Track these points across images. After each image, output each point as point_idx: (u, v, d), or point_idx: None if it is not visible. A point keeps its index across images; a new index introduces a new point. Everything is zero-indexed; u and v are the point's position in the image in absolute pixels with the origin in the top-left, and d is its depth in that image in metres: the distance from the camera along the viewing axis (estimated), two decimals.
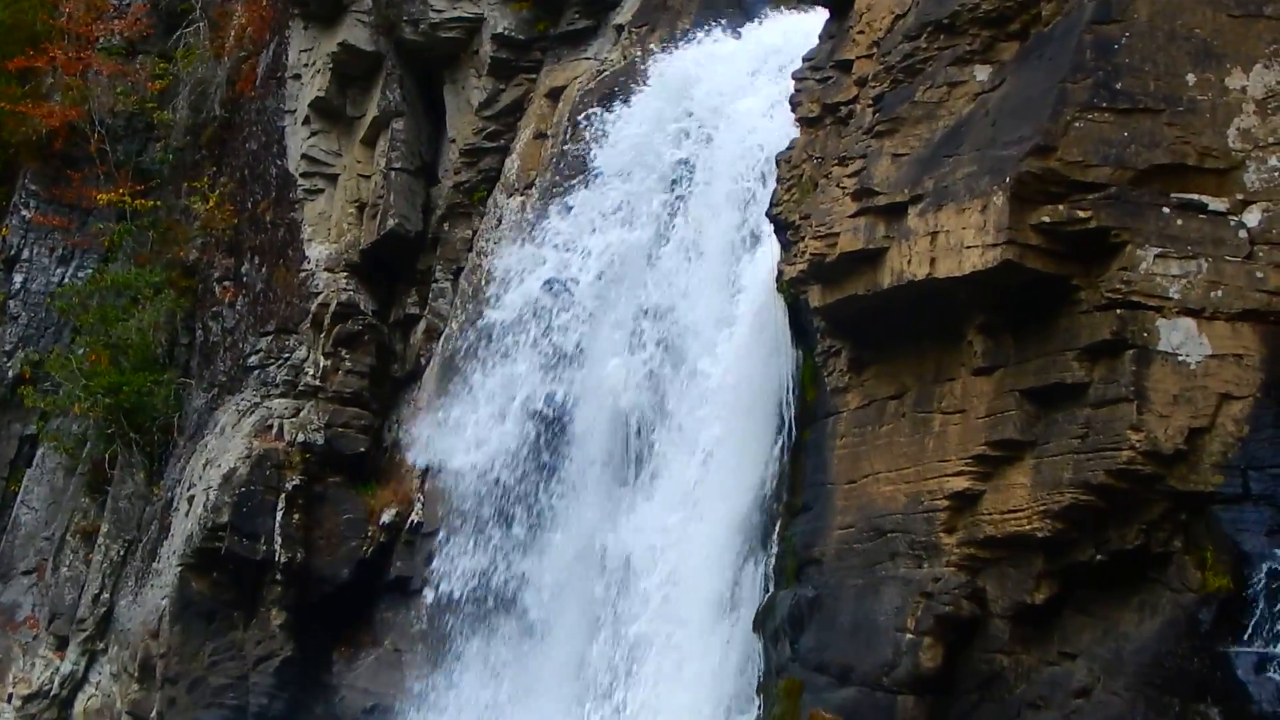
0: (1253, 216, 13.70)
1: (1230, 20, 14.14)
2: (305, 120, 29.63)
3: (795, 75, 18.66)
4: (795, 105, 18.48)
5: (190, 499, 27.93)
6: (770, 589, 18.29)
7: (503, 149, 27.55)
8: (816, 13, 19.75)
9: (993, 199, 14.12)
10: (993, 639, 14.84)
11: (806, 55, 18.66)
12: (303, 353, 28.41)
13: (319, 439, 27.37)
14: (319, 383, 27.80)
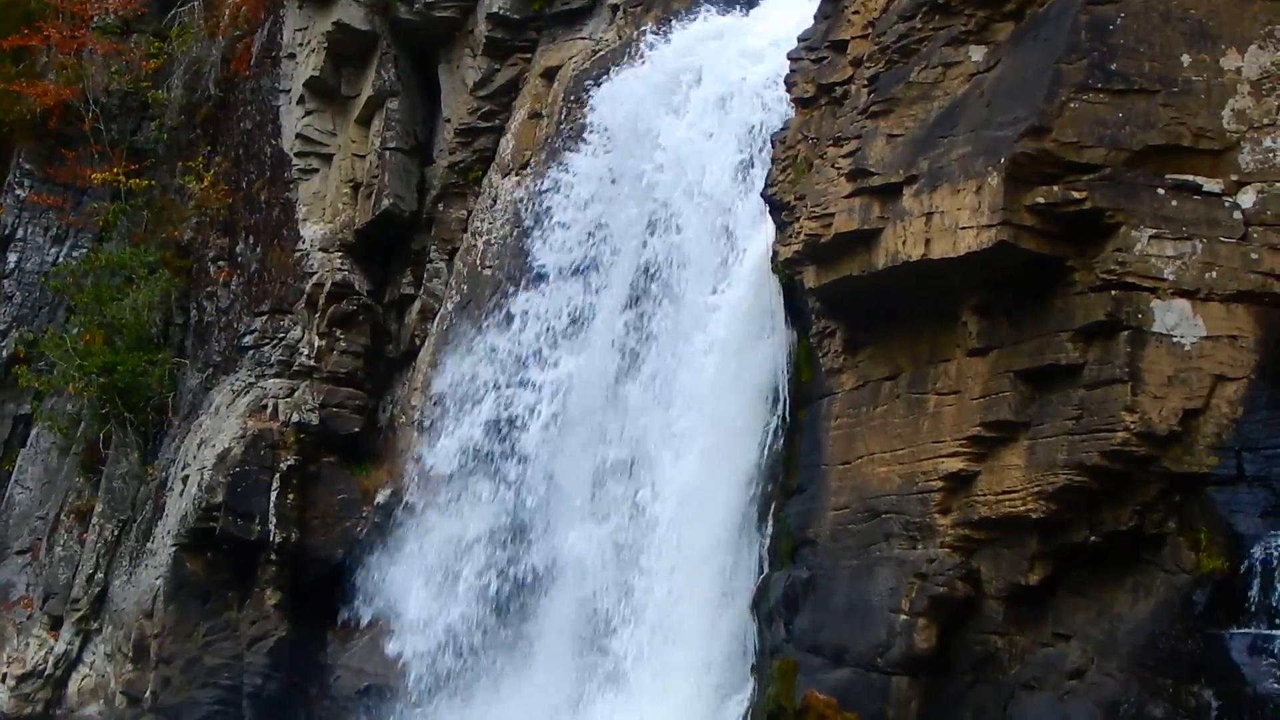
0: (1247, 197, 13.70)
1: (1225, 1, 14.14)
2: (300, 100, 29.55)
3: (790, 55, 18.62)
4: (790, 85, 18.46)
5: (185, 479, 27.92)
6: (765, 570, 18.31)
7: (498, 129, 27.52)
8: None
9: (988, 180, 14.10)
10: (987, 620, 14.86)
11: (802, 35, 18.63)
12: (297, 333, 28.38)
13: (314, 419, 27.35)
14: (314, 363, 27.78)
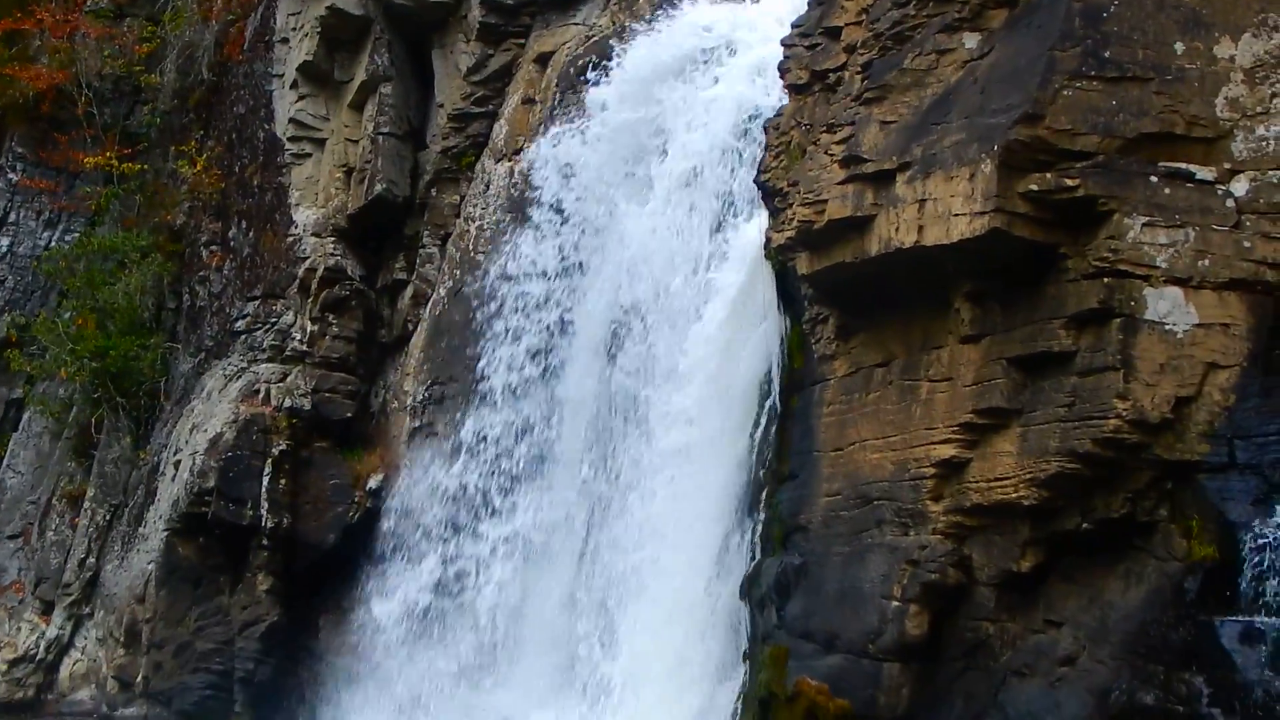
0: (1240, 186, 13.70)
1: None
2: (293, 84, 29.51)
3: (784, 42, 18.58)
4: (784, 72, 18.42)
5: (176, 464, 27.90)
6: (757, 556, 18.31)
7: (491, 114, 27.48)
8: None
9: (981, 167, 14.10)
10: (978, 607, 14.86)
11: (795, 21, 18.59)
12: (290, 318, 28.37)
13: (306, 404, 27.33)
14: (306, 348, 27.77)
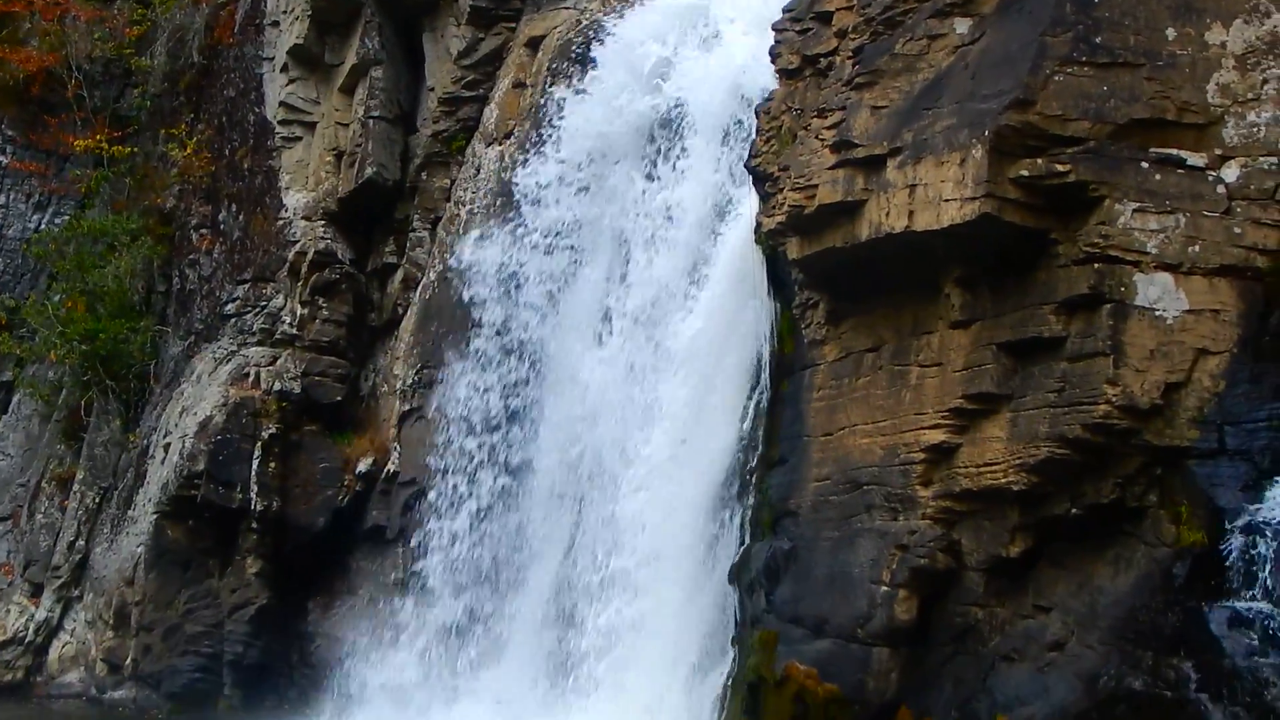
0: (1231, 172, 13.71)
1: None
2: (284, 68, 29.46)
3: (775, 26, 18.57)
4: (775, 56, 18.41)
5: (166, 447, 27.89)
6: (746, 541, 18.32)
7: (481, 98, 27.45)
8: None
9: (971, 152, 14.10)
10: (967, 592, 14.88)
11: (786, 6, 18.57)
12: (280, 301, 28.35)
13: (295, 387, 27.31)
14: (296, 331, 27.75)
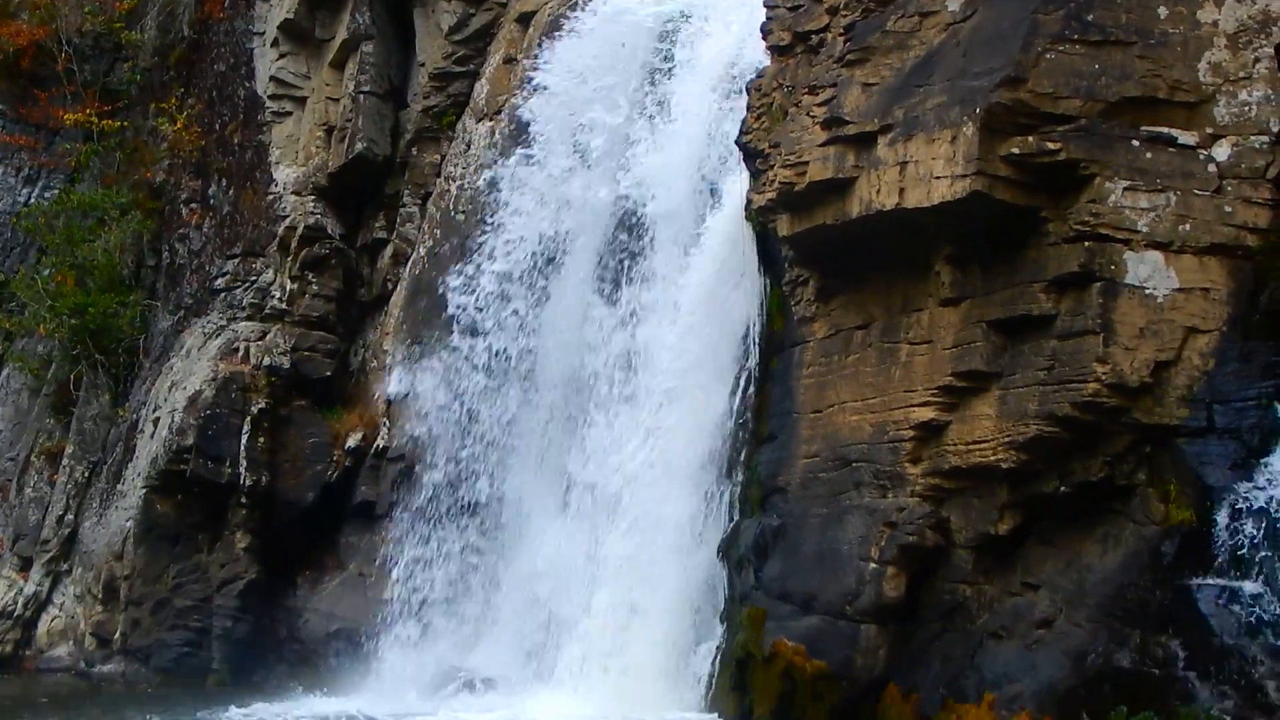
0: (1222, 150, 13.72)
1: None
2: (274, 42, 29.40)
3: (766, 3, 18.54)
4: (766, 33, 18.38)
5: (155, 421, 27.86)
6: (735, 517, 18.33)
7: (472, 74, 27.38)
8: None
9: (962, 130, 14.09)
10: (956, 569, 14.91)
11: None
12: (269, 276, 28.31)
13: (285, 362, 27.25)
14: (285, 306, 27.69)
